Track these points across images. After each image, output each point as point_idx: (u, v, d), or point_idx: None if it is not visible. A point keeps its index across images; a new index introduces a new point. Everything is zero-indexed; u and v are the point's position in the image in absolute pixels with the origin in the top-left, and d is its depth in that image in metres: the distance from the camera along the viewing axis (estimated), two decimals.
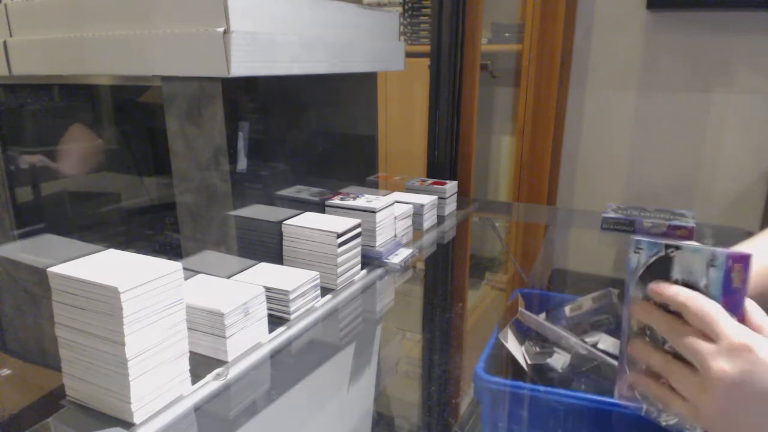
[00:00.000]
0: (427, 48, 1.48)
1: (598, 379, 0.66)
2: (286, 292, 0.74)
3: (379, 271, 0.94)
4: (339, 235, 0.82)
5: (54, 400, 0.57)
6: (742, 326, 0.44)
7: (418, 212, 1.12)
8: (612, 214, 1.21)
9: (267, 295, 0.69)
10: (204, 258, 0.82)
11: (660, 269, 0.49)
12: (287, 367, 0.69)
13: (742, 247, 0.58)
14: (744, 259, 0.46)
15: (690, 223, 1.15)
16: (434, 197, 1.18)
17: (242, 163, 0.80)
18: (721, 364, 0.42)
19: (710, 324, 0.44)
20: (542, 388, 0.64)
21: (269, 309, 0.72)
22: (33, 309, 0.81)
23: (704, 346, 0.43)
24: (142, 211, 1.03)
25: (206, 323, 0.63)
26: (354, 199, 0.96)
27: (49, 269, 0.53)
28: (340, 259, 0.84)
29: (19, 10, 0.85)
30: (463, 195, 1.48)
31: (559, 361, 0.69)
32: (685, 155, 1.84)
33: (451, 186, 1.25)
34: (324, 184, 1.01)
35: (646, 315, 0.49)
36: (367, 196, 0.97)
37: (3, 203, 0.96)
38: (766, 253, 0.58)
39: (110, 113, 1.01)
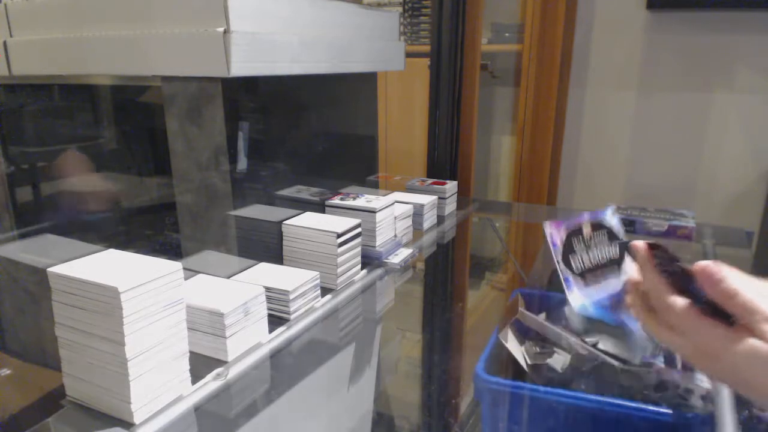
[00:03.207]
0: (427, 48, 1.48)
1: (598, 379, 0.66)
2: (286, 292, 0.74)
3: (379, 271, 0.94)
4: (339, 235, 0.82)
5: (54, 400, 0.57)
6: None
7: (418, 212, 1.12)
8: None
9: (267, 295, 0.69)
10: (204, 258, 0.82)
11: None
12: (287, 367, 0.69)
13: None
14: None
15: (690, 223, 1.15)
16: (434, 197, 1.18)
17: (242, 163, 0.80)
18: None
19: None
20: (542, 388, 0.64)
21: (269, 309, 0.72)
22: (33, 309, 0.81)
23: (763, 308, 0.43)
24: (142, 211, 1.03)
25: (206, 323, 0.63)
26: (354, 199, 0.96)
27: (49, 269, 0.53)
28: (340, 259, 0.84)
29: (19, 10, 0.85)
30: (463, 195, 1.48)
31: (559, 361, 0.69)
32: (685, 155, 1.84)
33: (451, 186, 1.25)
34: (324, 184, 1.01)
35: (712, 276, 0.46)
36: (367, 196, 0.97)
37: (3, 203, 0.96)
38: None
39: (110, 113, 1.01)
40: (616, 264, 0.66)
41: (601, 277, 0.67)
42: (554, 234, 0.71)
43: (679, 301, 0.48)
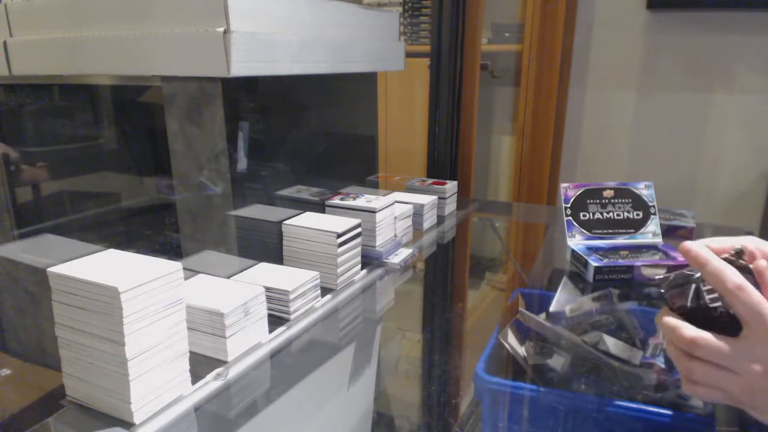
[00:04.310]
0: (427, 48, 1.48)
1: (598, 379, 0.66)
2: (286, 292, 0.74)
3: (379, 271, 0.94)
4: (339, 235, 0.82)
5: (54, 400, 0.57)
6: None
7: (418, 212, 1.12)
8: None
9: (267, 295, 0.69)
10: (204, 258, 0.82)
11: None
12: (287, 367, 0.69)
13: None
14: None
15: (690, 223, 1.15)
16: (434, 197, 1.18)
17: (242, 163, 0.80)
18: None
19: None
20: (542, 388, 0.64)
21: (269, 309, 0.72)
22: (33, 309, 0.81)
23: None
24: (142, 211, 1.03)
25: (206, 323, 0.63)
26: (354, 199, 0.96)
27: (49, 269, 0.53)
28: (340, 259, 0.83)
29: (19, 10, 0.85)
30: (463, 195, 1.48)
31: (559, 361, 0.69)
32: (685, 155, 1.84)
33: (451, 186, 1.25)
34: (324, 184, 1.01)
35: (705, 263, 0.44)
36: (367, 196, 0.97)
37: (3, 203, 0.96)
38: None
39: (110, 113, 1.01)
40: (632, 229, 0.66)
41: (608, 235, 0.67)
42: (568, 191, 0.71)
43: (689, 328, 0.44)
